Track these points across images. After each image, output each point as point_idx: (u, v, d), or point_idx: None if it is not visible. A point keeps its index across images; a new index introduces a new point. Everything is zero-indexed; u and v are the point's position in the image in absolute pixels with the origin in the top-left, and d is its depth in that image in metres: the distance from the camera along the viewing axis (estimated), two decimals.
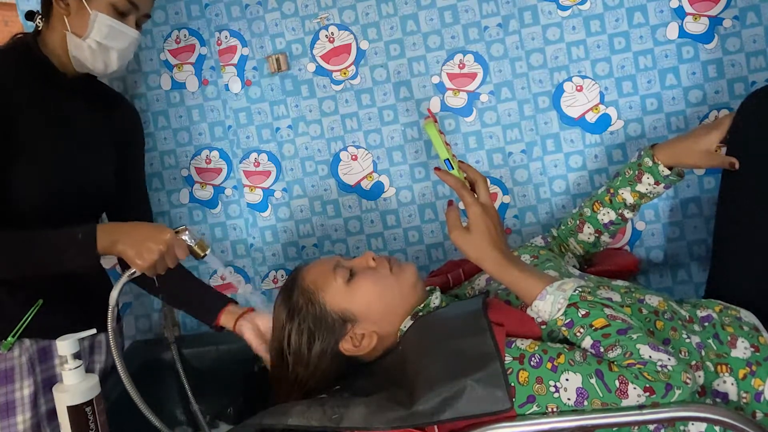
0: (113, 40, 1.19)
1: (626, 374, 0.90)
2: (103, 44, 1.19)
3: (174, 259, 1.11)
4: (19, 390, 1.17)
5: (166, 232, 1.10)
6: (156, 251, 1.08)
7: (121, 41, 1.20)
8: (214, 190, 1.62)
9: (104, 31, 1.18)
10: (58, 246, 1.08)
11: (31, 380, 1.18)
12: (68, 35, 1.19)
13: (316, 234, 1.61)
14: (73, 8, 1.18)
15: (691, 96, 1.44)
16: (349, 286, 1.12)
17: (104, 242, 1.08)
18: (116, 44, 1.20)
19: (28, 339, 1.19)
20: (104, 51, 1.20)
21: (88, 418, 0.98)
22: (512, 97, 1.50)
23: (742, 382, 1.01)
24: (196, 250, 1.14)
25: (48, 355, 1.22)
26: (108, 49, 1.20)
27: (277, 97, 1.57)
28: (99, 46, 1.19)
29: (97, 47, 1.19)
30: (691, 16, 1.42)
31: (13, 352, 1.17)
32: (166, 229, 1.11)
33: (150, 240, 1.08)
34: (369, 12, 1.52)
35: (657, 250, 1.50)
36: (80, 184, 1.24)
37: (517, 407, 0.93)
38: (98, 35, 1.18)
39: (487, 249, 1.05)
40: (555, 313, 1.00)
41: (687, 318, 1.08)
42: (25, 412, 1.17)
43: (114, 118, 1.35)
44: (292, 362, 1.12)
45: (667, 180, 1.26)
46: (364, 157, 1.57)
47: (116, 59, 1.22)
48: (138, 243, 1.08)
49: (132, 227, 1.12)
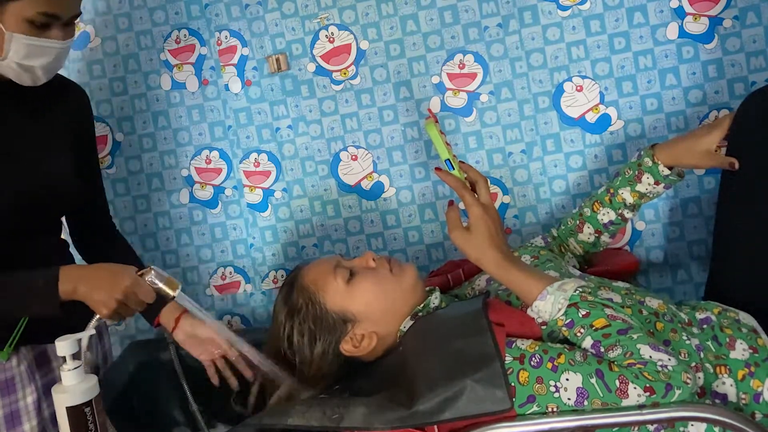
0: (35, 59, 1.08)
1: (626, 374, 0.90)
2: (24, 64, 1.08)
3: (139, 302, 1.07)
4: (23, 399, 1.16)
5: (126, 278, 1.05)
6: (113, 300, 1.04)
7: (45, 57, 1.09)
8: (214, 190, 1.62)
9: (22, 52, 1.06)
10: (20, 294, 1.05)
11: (32, 387, 1.17)
12: None
13: (316, 234, 1.61)
14: None
15: (691, 96, 1.44)
16: (349, 287, 1.12)
17: (66, 287, 1.04)
18: (39, 61, 1.09)
19: (24, 347, 1.17)
20: (27, 69, 1.09)
21: (87, 418, 0.98)
22: (512, 97, 1.50)
23: (741, 384, 1.01)
24: (165, 290, 1.08)
25: (45, 360, 1.21)
26: (31, 68, 1.09)
27: (277, 97, 1.57)
28: (20, 66, 1.08)
29: (18, 67, 1.08)
30: (691, 16, 1.42)
31: (11, 362, 1.15)
32: (127, 273, 1.06)
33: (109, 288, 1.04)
34: (369, 12, 1.52)
35: (657, 250, 1.50)
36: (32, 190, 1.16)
37: (518, 407, 0.93)
38: (16, 56, 1.07)
39: (488, 249, 1.05)
40: (555, 313, 1.00)
41: (686, 321, 1.08)
42: (31, 420, 1.16)
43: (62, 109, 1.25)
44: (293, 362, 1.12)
45: (667, 180, 1.26)
46: (364, 157, 1.57)
47: (42, 74, 1.12)
48: (98, 290, 1.04)
49: (93, 271, 1.08)
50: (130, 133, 1.62)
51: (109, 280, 1.05)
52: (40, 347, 1.20)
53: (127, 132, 1.62)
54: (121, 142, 1.62)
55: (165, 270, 1.63)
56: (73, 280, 1.05)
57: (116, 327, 1.68)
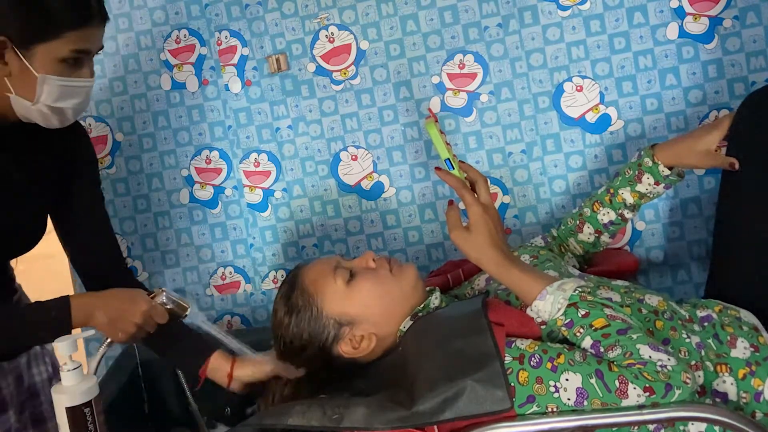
0: (68, 100, 1.04)
1: (626, 374, 0.90)
2: (56, 107, 1.03)
3: (154, 325, 1.07)
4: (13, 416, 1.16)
5: (142, 302, 1.05)
6: (133, 325, 1.04)
7: (77, 97, 1.05)
8: (214, 190, 1.62)
9: (55, 94, 1.01)
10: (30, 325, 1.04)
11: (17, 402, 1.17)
12: (13, 98, 1.02)
13: (316, 234, 1.61)
14: (14, 69, 1.00)
15: (691, 96, 1.44)
16: (349, 288, 1.12)
17: (79, 318, 1.03)
18: (71, 102, 1.05)
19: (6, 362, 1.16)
20: (57, 112, 1.05)
21: (86, 419, 0.97)
22: (512, 97, 1.50)
23: (742, 382, 1.01)
24: (176, 311, 1.10)
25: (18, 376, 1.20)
26: (62, 110, 1.05)
27: (277, 97, 1.57)
28: (51, 109, 1.03)
29: (50, 110, 1.03)
30: (691, 16, 1.42)
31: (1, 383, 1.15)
32: (141, 298, 1.06)
33: (127, 313, 1.04)
34: (369, 12, 1.52)
35: (657, 250, 1.50)
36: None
37: (517, 407, 0.93)
38: (49, 99, 1.02)
39: (488, 249, 1.05)
40: (555, 313, 1.00)
41: (687, 318, 1.08)
42: None
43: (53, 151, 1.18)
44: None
45: (667, 180, 1.26)
46: (364, 157, 1.57)
47: (72, 115, 1.08)
48: (114, 317, 1.04)
49: (106, 298, 1.07)
50: (130, 133, 1.62)
51: (125, 307, 1.05)
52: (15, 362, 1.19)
53: (127, 132, 1.62)
54: (121, 142, 1.62)
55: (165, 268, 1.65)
56: (86, 308, 1.04)
57: None
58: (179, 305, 1.10)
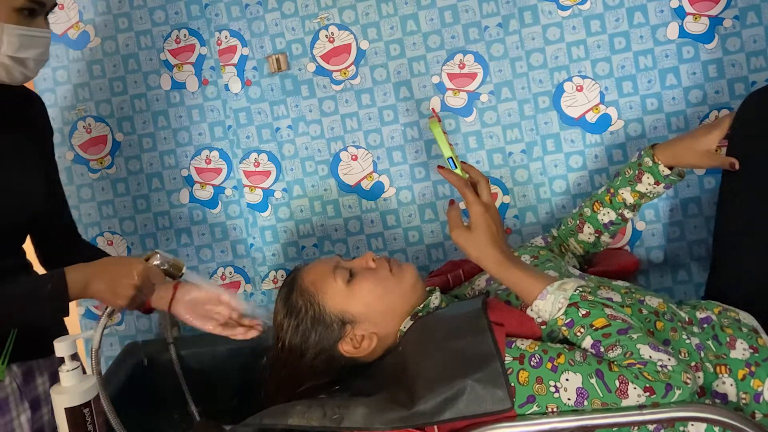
0: (28, 50, 1.06)
1: (626, 374, 0.90)
2: (18, 57, 1.05)
3: (151, 287, 1.07)
4: (17, 418, 1.15)
5: (137, 264, 1.06)
6: (131, 287, 1.04)
7: (37, 47, 1.07)
8: (214, 190, 1.62)
9: (15, 43, 1.04)
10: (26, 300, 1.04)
11: (25, 405, 1.16)
12: None
13: (316, 234, 1.61)
14: None
15: (692, 96, 1.44)
16: (349, 288, 1.12)
17: (76, 288, 1.03)
18: (32, 53, 1.07)
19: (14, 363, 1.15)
20: (20, 63, 1.06)
21: (86, 419, 0.98)
22: (512, 97, 1.50)
23: (742, 383, 1.01)
24: (172, 271, 1.11)
25: (32, 377, 1.19)
26: (24, 60, 1.07)
27: (277, 97, 1.57)
28: (13, 59, 1.05)
29: (11, 61, 1.05)
30: (691, 16, 1.42)
31: (4, 381, 1.14)
32: (135, 260, 1.07)
33: (123, 277, 1.04)
34: (369, 12, 1.52)
35: (657, 250, 1.50)
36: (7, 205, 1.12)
37: (518, 407, 0.93)
38: (10, 49, 1.04)
39: (488, 248, 1.05)
40: (555, 312, 1.00)
41: (686, 320, 1.08)
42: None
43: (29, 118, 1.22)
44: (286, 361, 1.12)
45: (668, 180, 1.26)
46: (364, 157, 1.57)
47: (34, 66, 1.09)
48: (112, 282, 1.04)
49: (101, 266, 1.07)
50: (130, 133, 1.62)
51: (122, 271, 1.05)
52: (27, 364, 1.18)
53: (127, 132, 1.62)
54: (121, 142, 1.62)
55: None
56: (82, 278, 1.04)
57: (116, 327, 1.68)
58: (174, 265, 1.11)
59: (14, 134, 1.17)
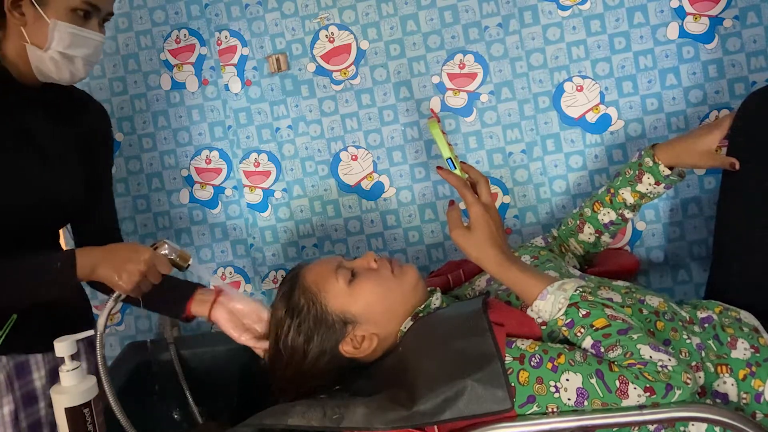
0: (77, 48, 1.11)
1: (627, 374, 0.90)
2: (67, 54, 1.11)
3: (157, 275, 1.09)
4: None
5: (145, 251, 1.08)
6: (137, 272, 1.06)
7: (86, 47, 1.12)
8: (214, 190, 1.62)
9: (66, 40, 1.09)
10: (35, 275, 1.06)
11: (10, 397, 1.15)
12: (28, 47, 1.10)
13: (316, 234, 1.61)
14: (29, 18, 1.08)
15: (692, 96, 1.44)
16: (351, 288, 1.12)
17: (84, 268, 1.06)
18: (81, 52, 1.12)
19: (5, 356, 1.16)
20: (69, 60, 1.12)
21: (86, 419, 0.97)
22: (512, 97, 1.50)
23: (742, 383, 1.01)
24: (178, 262, 1.12)
25: (26, 371, 1.19)
26: (73, 58, 1.12)
27: (277, 97, 1.57)
28: (62, 56, 1.10)
29: (61, 58, 1.10)
30: (691, 16, 1.42)
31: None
32: (144, 248, 1.09)
33: (130, 261, 1.06)
34: (369, 12, 1.52)
35: (657, 250, 1.50)
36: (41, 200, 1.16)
37: (518, 407, 0.93)
38: (60, 45, 1.09)
39: (488, 248, 1.05)
40: (556, 313, 1.00)
41: (687, 319, 1.08)
42: (6, 430, 1.15)
43: (81, 124, 1.27)
44: (289, 361, 1.12)
45: (668, 180, 1.26)
46: (364, 157, 1.57)
47: (82, 67, 1.14)
48: (118, 266, 1.06)
49: (110, 251, 1.09)
50: (130, 133, 1.62)
51: (129, 256, 1.07)
52: (21, 357, 1.18)
53: (127, 132, 1.62)
54: (121, 142, 1.62)
55: None
56: (91, 259, 1.07)
57: (116, 327, 1.68)
58: (181, 256, 1.13)
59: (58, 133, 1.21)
